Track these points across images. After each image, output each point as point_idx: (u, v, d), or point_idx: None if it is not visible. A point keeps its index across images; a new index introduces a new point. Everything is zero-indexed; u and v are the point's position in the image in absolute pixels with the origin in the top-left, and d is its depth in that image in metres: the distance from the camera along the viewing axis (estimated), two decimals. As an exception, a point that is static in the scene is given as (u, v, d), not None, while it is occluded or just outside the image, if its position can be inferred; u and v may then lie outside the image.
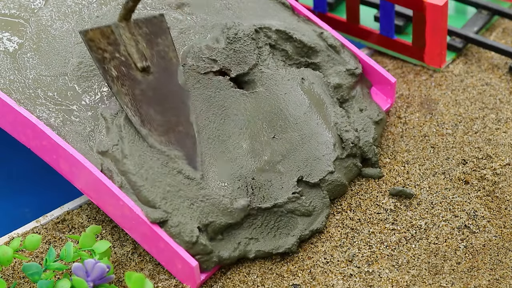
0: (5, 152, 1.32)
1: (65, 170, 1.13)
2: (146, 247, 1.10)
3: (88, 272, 1.01)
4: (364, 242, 1.13)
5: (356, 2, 1.40)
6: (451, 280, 1.08)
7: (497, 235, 1.13)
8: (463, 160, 1.23)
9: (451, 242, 1.13)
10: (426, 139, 1.26)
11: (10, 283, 1.09)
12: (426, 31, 1.34)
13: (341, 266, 1.10)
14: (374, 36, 1.41)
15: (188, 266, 1.06)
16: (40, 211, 1.19)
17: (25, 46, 1.19)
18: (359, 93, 1.27)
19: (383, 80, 1.30)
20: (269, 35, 1.25)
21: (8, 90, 1.14)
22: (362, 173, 1.22)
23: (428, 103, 1.32)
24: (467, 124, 1.28)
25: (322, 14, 1.46)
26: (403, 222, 1.15)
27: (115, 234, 1.15)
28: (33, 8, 1.23)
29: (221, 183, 1.11)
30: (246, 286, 1.09)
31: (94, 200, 1.12)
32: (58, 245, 1.13)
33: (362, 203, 1.18)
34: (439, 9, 1.31)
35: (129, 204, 1.07)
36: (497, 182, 1.19)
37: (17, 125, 1.14)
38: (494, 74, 1.37)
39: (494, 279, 1.08)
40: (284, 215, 1.13)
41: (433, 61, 1.37)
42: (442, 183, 1.20)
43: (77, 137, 1.12)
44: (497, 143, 1.25)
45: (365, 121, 1.24)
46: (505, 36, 1.44)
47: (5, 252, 1.03)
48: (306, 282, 1.09)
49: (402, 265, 1.10)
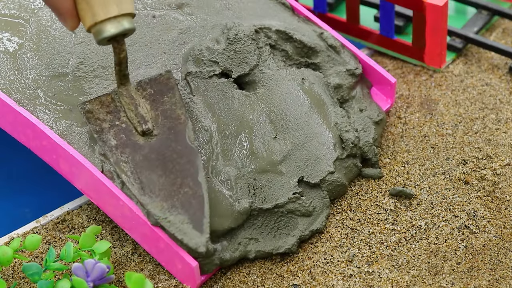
0: (5, 152, 1.32)
1: (65, 170, 1.12)
2: (146, 247, 1.10)
3: (88, 272, 1.01)
4: (364, 242, 1.13)
5: (356, 2, 1.40)
6: (451, 281, 1.08)
7: (497, 235, 1.13)
8: (463, 160, 1.23)
9: (451, 242, 1.13)
10: (426, 139, 1.26)
11: (10, 283, 1.09)
12: (426, 31, 1.34)
13: (341, 266, 1.10)
14: (374, 36, 1.41)
15: (188, 266, 1.06)
16: (40, 211, 1.19)
17: (25, 46, 1.19)
18: (359, 93, 1.27)
19: (383, 80, 1.30)
20: (269, 35, 1.25)
21: (8, 90, 1.14)
22: (362, 173, 1.22)
23: (428, 103, 1.32)
24: (467, 124, 1.28)
25: (322, 14, 1.46)
26: (403, 222, 1.15)
27: (115, 234, 1.15)
28: (33, 8, 1.23)
29: (224, 184, 1.11)
30: (246, 286, 1.09)
31: (94, 200, 1.12)
32: (58, 245, 1.13)
33: (362, 203, 1.18)
34: (439, 9, 1.31)
35: (129, 204, 1.07)
36: (497, 182, 1.19)
37: (17, 125, 1.14)
38: (494, 74, 1.37)
39: (494, 279, 1.08)
40: (284, 215, 1.13)
41: (433, 61, 1.37)
42: (442, 183, 1.20)
43: (77, 138, 1.12)
44: (497, 143, 1.25)
45: (365, 121, 1.24)
46: (505, 36, 1.44)
47: (5, 252, 1.03)
48: (306, 282, 1.09)
49: (402, 265, 1.10)
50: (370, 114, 1.25)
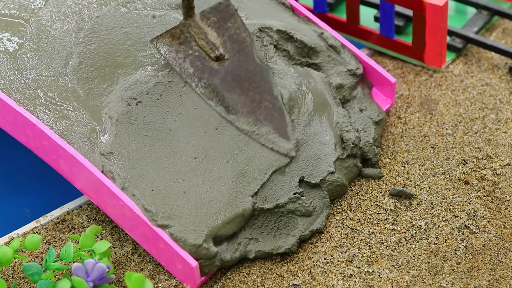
0: (5, 152, 1.32)
1: (65, 170, 1.13)
2: (146, 247, 1.10)
3: (88, 272, 1.01)
4: (364, 242, 1.13)
5: (356, 2, 1.40)
6: (451, 280, 1.08)
7: (497, 235, 1.13)
8: (463, 160, 1.23)
9: (451, 242, 1.13)
10: (426, 139, 1.26)
11: (10, 283, 1.09)
12: (426, 31, 1.34)
13: (341, 266, 1.10)
14: (374, 36, 1.41)
15: (188, 266, 1.06)
16: (40, 211, 1.19)
17: (25, 46, 1.19)
18: (360, 94, 1.27)
19: (383, 80, 1.29)
20: (271, 35, 1.25)
21: (8, 90, 1.14)
22: (362, 173, 1.22)
23: (428, 103, 1.32)
24: (467, 124, 1.28)
25: (322, 14, 1.46)
26: (403, 222, 1.15)
27: (115, 234, 1.15)
28: (33, 8, 1.23)
29: (226, 184, 1.11)
30: (246, 286, 1.09)
31: (94, 200, 1.12)
32: (58, 245, 1.13)
33: (362, 203, 1.18)
34: (439, 9, 1.31)
35: (129, 204, 1.07)
36: (497, 182, 1.19)
37: (17, 125, 1.14)
38: (494, 74, 1.37)
39: (494, 279, 1.08)
40: (284, 215, 1.13)
41: (433, 61, 1.37)
42: (442, 183, 1.20)
43: (78, 138, 1.12)
44: (497, 143, 1.25)
45: (366, 121, 1.24)
46: (505, 36, 1.44)
47: (5, 252, 1.03)
48: (306, 282, 1.09)
49: (402, 265, 1.10)
50: (370, 114, 1.25)
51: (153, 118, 1.15)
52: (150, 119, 1.15)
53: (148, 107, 1.16)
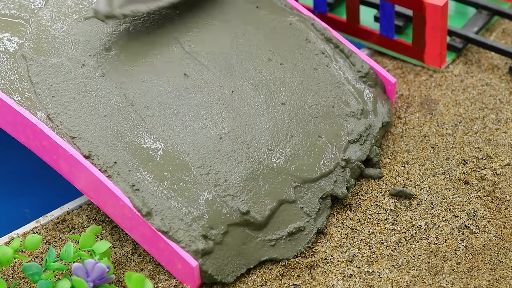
0: (5, 152, 1.32)
1: (65, 170, 1.13)
2: (146, 247, 1.10)
3: (88, 272, 1.01)
4: (364, 242, 1.13)
5: (356, 2, 1.40)
6: (451, 280, 1.08)
7: (497, 235, 1.13)
8: (463, 160, 1.23)
9: (451, 242, 1.13)
10: (426, 139, 1.26)
11: (10, 283, 1.09)
12: (426, 31, 1.34)
13: (341, 266, 1.10)
14: (374, 36, 1.41)
15: (188, 266, 1.06)
16: (40, 211, 1.19)
17: (25, 46, 1.19)
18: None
19: (383, 80, 1.30)
20: None
21: (8, 90, 1.14)
22: (362, 173, 1.22)
23: (428, 103, 1.32)
24: (467, 124, 1.28)
25: (322, 14, 1.46)
26: (403, 222, 1.15)
27: (115, 234, 1.15)
28: (33, 9, 1.24)
29: (227, 186, 1.11)
30: (246, 286, 1.09)
31: (94, 200, 1.12)
32: (58, 245, 1.13)
33: (362, 203, 1.18)
34: (439, 9, 1.31)
35: (129, 204, 1.07)
36: (497, 182, 1.19)
37: (17, 125, 1.14)
38: (494, 74, 1.37)
39: (494, 279, 1.08)
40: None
41: (433, 61, 1.37)
42: (442, 183, 1.20)
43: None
44: (497, 143, 1.25)
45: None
46: (505, 36, 1.44)
47: (5, 252, 1.03)
48: (306, 282, 1.09)
49: (402, 265, 1.10)
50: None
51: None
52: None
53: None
